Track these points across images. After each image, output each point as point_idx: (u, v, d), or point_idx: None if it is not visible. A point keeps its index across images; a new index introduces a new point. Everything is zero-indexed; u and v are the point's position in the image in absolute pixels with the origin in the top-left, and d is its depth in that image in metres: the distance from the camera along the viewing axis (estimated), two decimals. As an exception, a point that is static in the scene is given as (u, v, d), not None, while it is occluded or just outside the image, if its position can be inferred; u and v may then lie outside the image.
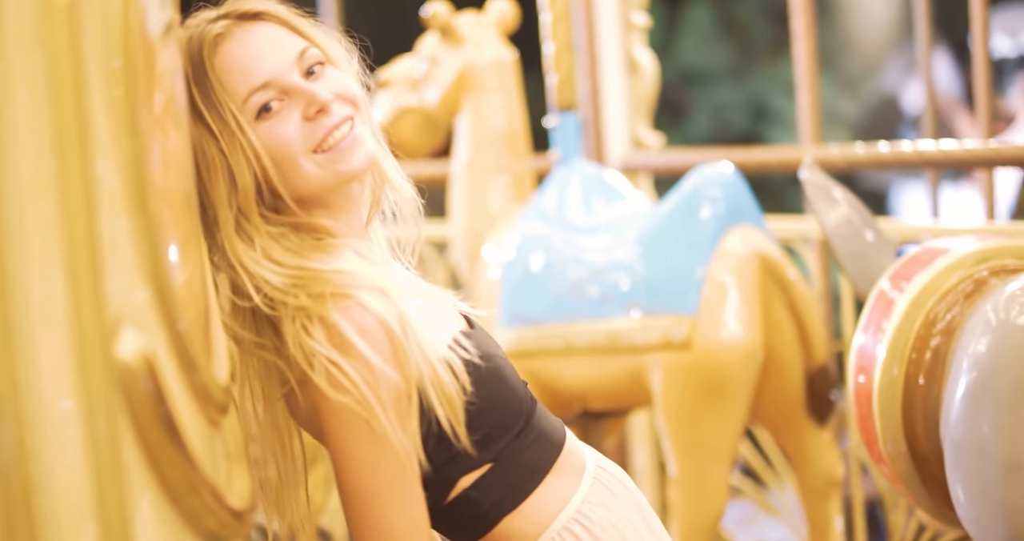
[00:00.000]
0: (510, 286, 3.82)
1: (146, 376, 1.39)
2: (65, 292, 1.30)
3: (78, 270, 1.31)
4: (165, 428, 1.44)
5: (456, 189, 4.07)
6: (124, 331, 1.37)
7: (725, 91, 10.44)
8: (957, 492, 2.83)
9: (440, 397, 2.02)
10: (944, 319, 2.96)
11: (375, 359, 1.96)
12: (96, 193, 1.35)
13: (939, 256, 3.07)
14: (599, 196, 3.89)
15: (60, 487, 1.27)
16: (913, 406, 2.98)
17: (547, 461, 2.16)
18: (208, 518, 1.59)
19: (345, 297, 1.99)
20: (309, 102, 2.06)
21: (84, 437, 1.31)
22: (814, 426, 3.70)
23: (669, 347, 3.54)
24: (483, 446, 2.09)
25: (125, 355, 1.37)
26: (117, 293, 1.37)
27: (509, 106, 4.05)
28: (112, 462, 1.34)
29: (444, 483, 2.09)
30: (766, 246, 3.60)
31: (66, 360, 1.30)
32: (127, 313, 1.39)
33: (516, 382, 2.17)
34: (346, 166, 2.07)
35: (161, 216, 1.52)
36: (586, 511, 2.15)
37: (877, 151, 4.03)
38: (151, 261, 1.48)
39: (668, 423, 3.59)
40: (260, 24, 2.09)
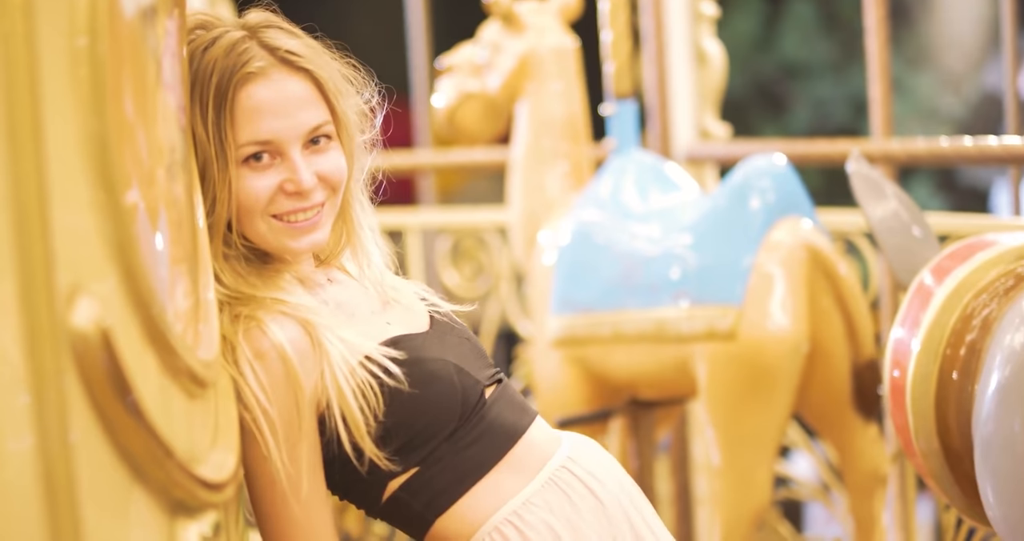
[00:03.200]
0: (562, 272, 3.83)
1: (101, 348, 1.42)
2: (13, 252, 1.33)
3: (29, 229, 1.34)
4: (123, 402, 1.47)
5: (515, 175, 4.09)
6: (80, 302, 1.40)
7: (826, 85, 10.37)
8: (986, 491, 2.80)
9: (346, 420, 2.10)
10: (981, 314, 2.93)
11: (267, 384, 2.06)
12: (50, 176, 1.37)
13: (980, 251, 3.04)
14: (653, 185, 3.89)
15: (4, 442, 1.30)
16: (947, 402, 2.95)
17: (488, 461, 2.20)
18: (175, 489, 1.63)
19: (252, 319, 2.09)
20: (292, 180, 2.13)
21: (30, 398, 1.34)
22: (860, 420, 3.68)
23: (714, 337, 3.54)
24: (404, 454, 2.14)
25: (79, 326, 1.39)
26: (70, 261, 1.40)
27: (569, 93, 4.06)
28: (59, 431, 1.37)
29: (375, 488, 2.17)
30: (815, 238, 3.58)
31: (12, 330, 1.33)
32: (84, 284, 1.42)
33: (451, 382, 2.19)
34: (292, 243, 2.17)
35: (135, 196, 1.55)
36: (524, 513, 2.17)
37: (939, 146, 4.00)
38: (117, 236, 1.51)
39: (712, 413, 3.58)
40: (297, 80, 2.15)
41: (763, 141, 4.95)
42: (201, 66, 2.09)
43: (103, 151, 1.48)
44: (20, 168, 1.34)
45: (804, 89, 10.49)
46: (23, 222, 1.34)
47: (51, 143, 1.38)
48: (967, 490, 2.99)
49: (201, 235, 1.99)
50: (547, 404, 3.89)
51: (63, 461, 1.37)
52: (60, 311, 1.37)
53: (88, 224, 1.46)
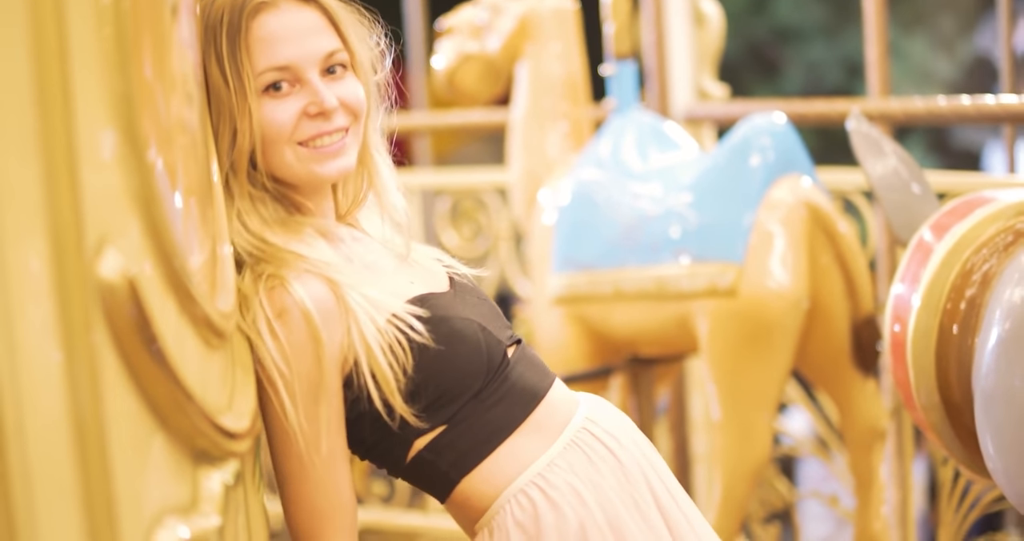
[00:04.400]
0: (563, 231, 3.86)
1: (129, 298, 1.45)
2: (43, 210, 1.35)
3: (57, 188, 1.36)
4: (149, 350, 1.50)
5: (515, 136, 4.12)
6: (107, 253, 1.42)
7: (819, 48, 10.39)
8: (986, 443, 2.84)
9: (378, 377, 2.10)
10: (980, 269, 2.96)
11: (287, 344, 2.07)
12: (78, 134, 1.40)
13: (979, 207, 3.07)
14: (653, 144, 3.91)
15: (32, 394, 1.32)
16: (947, 356, 2.99)
17: (512, 421, 2.20)
18: (198, 438, 1.66)
19: (275, 278, 2.09)
20: (315, 102, 2.15)
21: (60, 350, 1.36)
22: (860, 376, 3.71)
23: (715, 294, 3.57)
24: (432, 413, 2.15)
25: (106, 275, 1.42)
26: (98, 216, 1.42)
27: (569, 54, 4.09)
28: (90, 379, 1.39)
29: (400, 446, 2.17)
30: (815, 196, 3.61)
31: (42, 274, 1.35)
32: (111, 237, 1.44)
33: (477, 342, 2.20)
34: (320, 169, 2.17)
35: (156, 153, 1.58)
36: (548, 475, 2.17)
37: (936, 105, 4.02)
38: (141, 190, 1.53)
39: (713, 369, 3.62)
40: (307, 9, 2.17)
41: (761, 101, 4.98)
42: (212, 9, 2.12)
43: (128, 109, 1.50)
44: (50, 126, 1.36)
45: (797, 52, 10.51)
46: (53, 178, 1.36)
47: (79, 101, 1.40)
48: (967, 442, 3.03)
49: (216, 189, 2.02)
50: (548, 362, 3.86)
51: (94, 412, 1.40)
52: (89, 264, 1.40)
53: (114, 180, 1.48)
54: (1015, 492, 2.81)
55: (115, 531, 1.42)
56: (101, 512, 1.40)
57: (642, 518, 2.19)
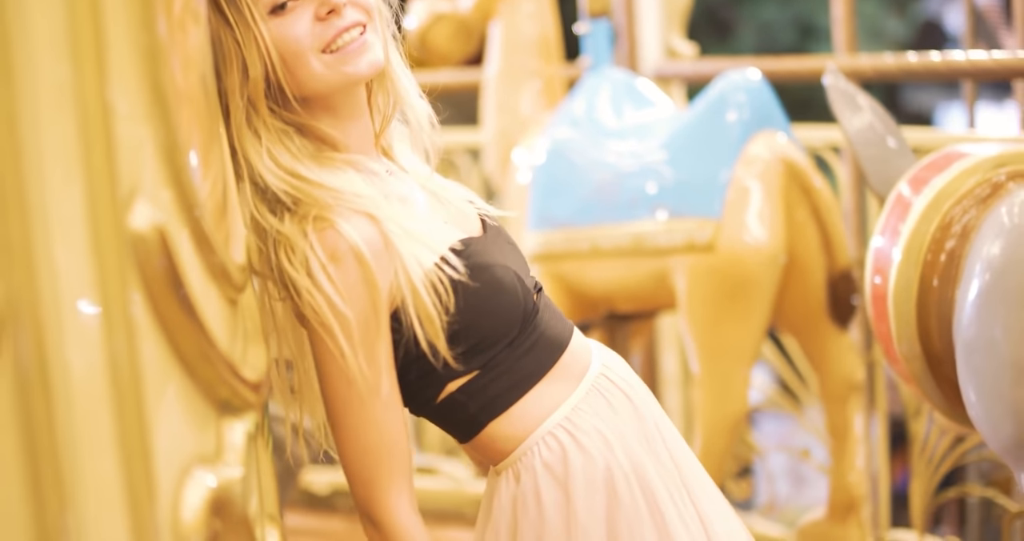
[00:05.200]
0: (539, 190, 3.88)
1: (159, 249, 1.46)
2: (79, 164, 1.36)
3: (91, 142, 1.38)
4: (179, 301, 1.51)
5: (488, 95, 4.13)
6: (138, 205, 1.43)
7: (772, 8, 10.43)
8: (968, 392, 2.89)
9: (421, 318, 2.09)
10: (960, 222, 3.00)
11: (342, 286, 2.04)
12: (111, 88, 1.41)
13: (957, 160, 3.11)
14: (628, 102, 3.94)
15: (74, 347, 1.34)
16: (928, 308, 3.03)
17: (541, 368, 2.21)
18: (222, 387, 1.67)
19: (324, 220, 2.07)
20: (322, 3, 2.10)
21: (98, 303, 1.37)
22: (836, 330, 3.76)
23: (693, 249, 3.60)
24: (469, 357, 2.15)
25: (138, 227, 1.43)
26: (130, 169, 1.43)
27: (541, 12, 4.10)
28: (125, 329, 1.41)
29: (433, 386, 2.17)
30: (791, 152, 3.65)
31: (80, 229, 1.36)
32: (141, 189, 1.45)
33: (516, 291, 2.20)
34: (352, 68, 2.12)
35: (177, 106, 1.59)
36: (574, 418, 2.19)
37: (906, 61, 4.05)
38: (166, 143, 1.54)
39: (691, 325, 3.65)
40: None
41: (730, 58, 5.00)
42: None
43: (153, 62, 1.51)
44: (84, 78, 1.37)
45: (750, 12, 10.55)
46: (89, 131, 1.37)
47: (111, 54, 1.41)
48: (947, 392, 3.08)
49: (222, 139, 2.01)
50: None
51: (130, 362, 1.41)
52: (121, 215, 1.41)
53: (142, 132, 1.49)
54: (997, 438, 2.86)
55: (151, 481, 1.44)
56: (138, 462, 1.42)
57: (659, 463, 2.22)
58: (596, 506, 2.16)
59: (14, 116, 1.29)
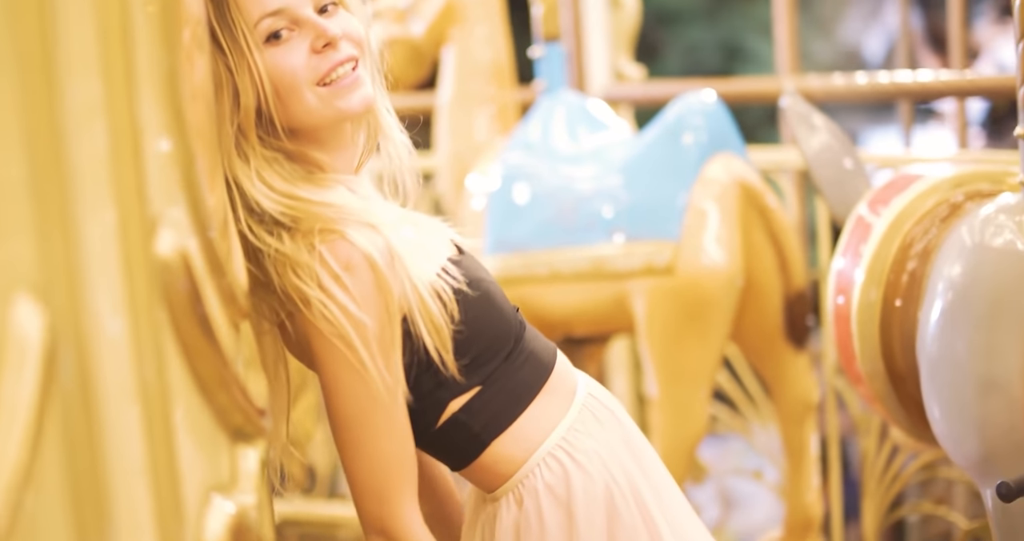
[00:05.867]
0: (495, 215, 3.89)
1: (183, 272, 1.47)
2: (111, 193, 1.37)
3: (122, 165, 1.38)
4: (200, 325, 1.52)
5: (442, 120, 4.14)
6: (164, 228, 1.44)
7: (698, 31, 10.49)
8: (932, 409, 2.93)
9: (428, 326, 2.11)
10: (920, 242, 3.05)
11: (358, 295, 2.05)
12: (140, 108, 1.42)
13: (916, 181, 3.16)
14: (583, 125, 3.96)
15: (110, 372, 1.34)
16: (890, 327, 3.07)
17: (536, 383, 2.23)
18: (236, 414, 1.67)
19: (332, 232, 2.07)
20: (318, 35, 2.11)
21: (130, 327, 1.38)
22: (792, 350, 3.80)
23: (652, 272, 3.62)
24: (472, 370, 2.17)
25: (164, 250, 1.44)
26: (157, 192, 1.44)
27: (494, 37, 4.11)
28: (155, 354, 1.41)
29: (435, 407, 2.18)
30: (747, 174, 3.68)
31: (113, 253, 1.36)
32: (166, 212, 1.46)
33: (506, 306, 2.25)
34: (345, 103, 2.14)
35: (191, 127, 1.60)
36: (571, 439, 2.21)
37: (855, 83, 4.11)
38: (184, 168, 1.55)
39: (651, 347, 3.67)
40: None
41: (679, 81, 5.04)
42: None
43: (173, 81, 1.52)
44: (115, 102, 1.37)
45: (676, 35, 10.61)
46: (119, 155, 1.38)
47: (140, 77, 1.41)
48: (910, 410, 3.12)
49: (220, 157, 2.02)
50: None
51: (159, 387, 1.42)
52: (149, 239, 1.42)
53: (166, 153, 1.50)
54: (962, 454, 2.90)
55: (178, 506, 1.45)
56: (167, 488, 1.42)
57: (646, 477, 2.25)
58: (597, 525, 2.18)
59: (59, 136, 1.30)
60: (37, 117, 1.27)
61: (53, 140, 1.29)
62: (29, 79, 1.26)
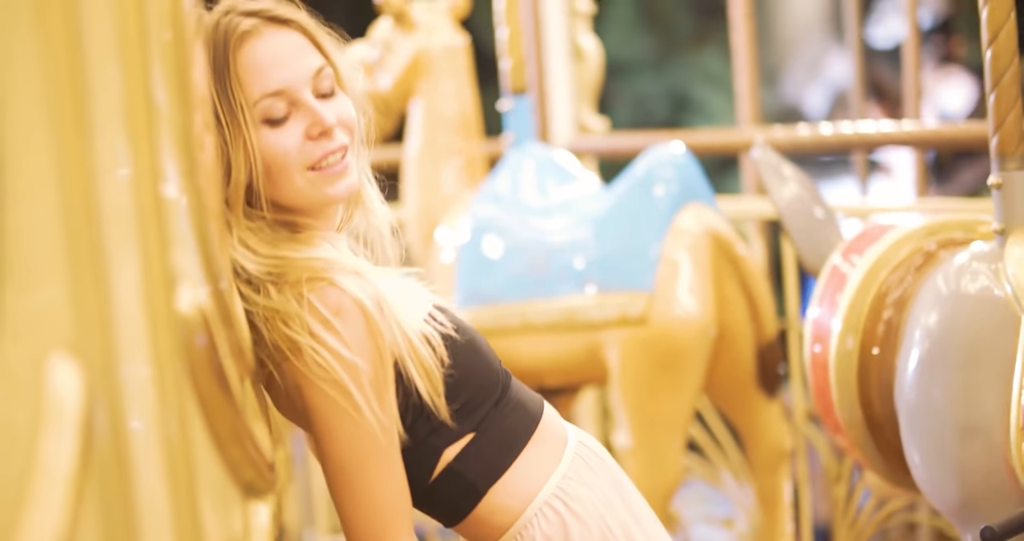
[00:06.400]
0: (466, 268, 3.90)
1: (201, 327, 1.47)
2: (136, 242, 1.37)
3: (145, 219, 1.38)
4: (217, 379, 1.52)
5: (410, 173, 4.14)
6: (182, 282, 1.44)
7: (646, 82, 10.56)
8: (912, 455, 2.95)
9: (419, 370, 2.11)
10: (896, 291, 3.08)
11: (349, 338, 2.05)
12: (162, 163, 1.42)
13: (889, 231, 3.19)
14: (552, 178, 3.97)
15: (138, 427, 1.34)
16: (868, 374, 3.09)
17: (526, 431, 2.24)
18: (248, 468, 1.68)
19: (320, 280, 2.08)
20: (315, 122, 2.14)
21: (155, 384, 1.37)
22: (765, 399, 3.82)
23: (626, 323, 3.64)
24: (464, 416, 2.17)
25: (184, 305, 1.44)
26: (175, 245, 1.44)
27: (461, 91, 4.13)
28: (177, 410, 1.41)
29: (429, 457, 2.17)
30: (718, 224, 3.71)
31: (138, 310, 1.36)
32: (182, 266, 1.47)
33: (491, 354, 2.27)
34: (331, 190, 2.16)
35: (204, 181, 1.60)
36: (566, 487, 2.21)
37: (819, 133, 4.15)
38: (198, 220, 1.56)
39: (625, 397, 3.68)
40: (288, 31, 2.17)
41: (642, 133, 5.07)
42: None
43: (187, 136, 1.53)
44: (140, 156, 1.38)
45: (624, 86, 10.67)
46: (142, 201, 1.38)
47: (162, 132, 1.42)
48: (888, 456, 3.14)
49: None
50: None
51: (181, 440, 1.41)
52: (171, 291, 1.42)
53: (182, 209, 1.50)
54: (942, 499, 2.92)
55: (200, 561, 1.44)
56: None
57: (637, 522, 2.26)
58: None
59: (90, 185, 1.30)
60: (69, 166, 1.28)
61: (84, 189, 1.29)
62: (62, 130, 1.27)
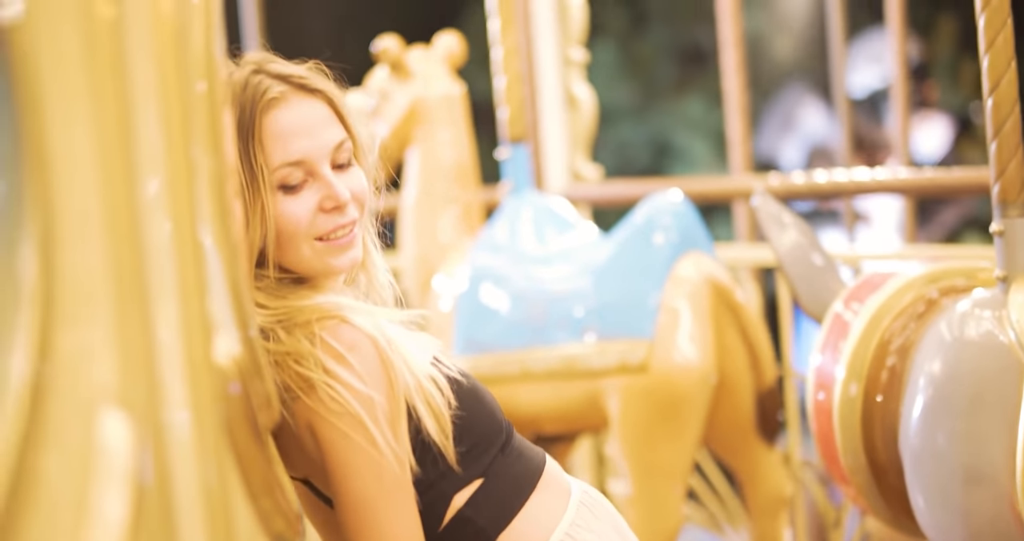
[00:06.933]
0: (464, 316, 3.90)
1: (236, 376, 1.48)
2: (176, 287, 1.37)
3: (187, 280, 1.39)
4: (251, 427, 1.52)
5: (406, 221, 4.15)
6: (219, 334, 1.45)
7: (628, 129, 10.60)
8: (917, 500, 2.96)
9: (428, 410, 2.12)
10: (899, 338, 3.09)
11: (363, 372, 2.05)
12: (201, 213, 1.43)
13: (891, 278, 3.20)
14: (550, 226, 3.99)
15: (180, 477, 1.34)
16: (872, 421, 3.10)
17: (532, 477, 2.25)
18: (279, 519, 1.67)
19: (332, 318, 2.09)
20: (330, 196, 2.16)
21: (195, 436, 1.38)
22: (764, 446, 3.82)
23: (626, 371, 3.64)
24: (472, 460, 2.18)
25: (221, 352, 1.45)
26: (212, 290, 1.45)
27: (458, 139, 4.14)
28: (216, 461, 1.41)
29: (439, 503, 2.17)
30: (717, 272, 3.72)
31: (179, 357, 1.37)
32: (220, 317, 1.47)
33: (494, 401, 2.28)
34: (336, 261, 2.19)
35: (236, 229, 1.61)
36: (574, 534, 2.22)
37: (814, 181, 4.17)
38: (230, 270, 1.56)
39: (625, 445, 3.68)
40: (314, 100, 2.19)
41: (636, 181, 5.09)
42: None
43: (220, 183, 1.54)
44: (180, 202, 1.39)
45: (606, 133, 10.72)
46: (182, 245, 1.39)
47: (198, 178, 1.43)
48: (891, 502, 3.15)
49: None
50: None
51: (220, 491, 1.42)
52: (209, 338, 1.42)
53: (216, 252, 1.51)
54: (946, 544, 2.94)
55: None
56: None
57: None
58: None
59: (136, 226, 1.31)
60: (117, 208, 1.29)
61: (130, 236, 1.30)
62: (111, 176, 1.28)
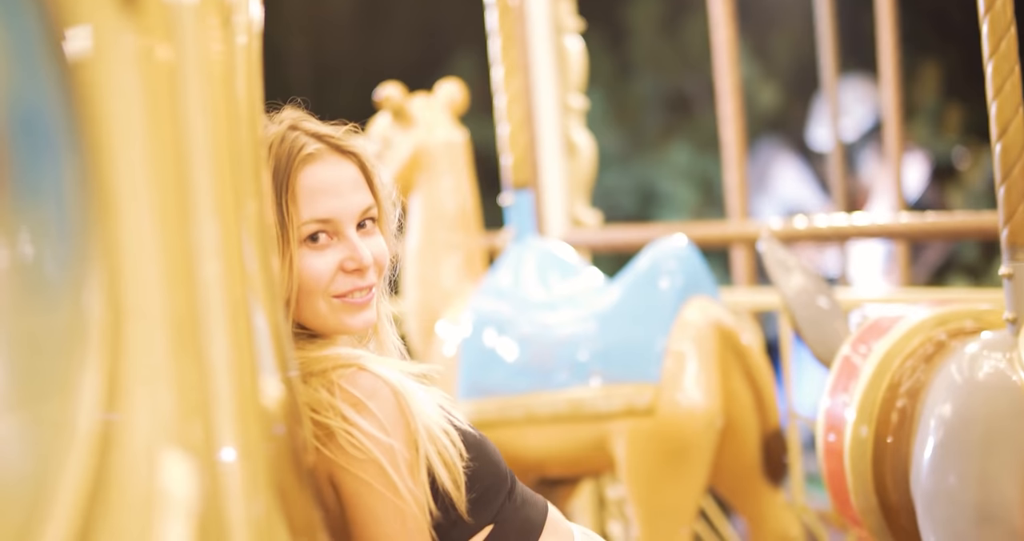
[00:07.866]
0: (468, 361, 3.91)
1: (280, 418, 1.49)
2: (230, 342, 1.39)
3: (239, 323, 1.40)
4: (294, 468, 1.53)
5: (409, 267, 4.16)
6: (268, 380, 1.46)
7: (614, 175, 10.63)
8: (929, 539, 2.97)
9: (440, 461, 2.14)
10: (908, 381, 3.11)
11: (384, 419, 2.08)
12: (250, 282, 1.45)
13: (899, 321, 3.22)
14: (554, 271, 4.00)
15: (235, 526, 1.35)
16: (883, 463, 3.12)
17: (538, 522, 2.27)
18: (315, 561, 1.68)
19: (349, 366, 2.12)
20: (353, 258, 2.21)
21: (244, 474, 1.39)
22: (770, 488, 3.83)
23: (632, 414, 3.65)
24: (481, 507, 2.19)
25: (267, 401, 1.46)
26: (262, 345, 1.46)
27: (460, 186, 4.15)
28: (265, 503, 1.42)
29: None
30: (722, 316, 3.74)
31: (230, 397, 1.38)
32: (262, 353, 1.48)
33: (496, 448, 2.30)
34: (351, 320, 2.23)
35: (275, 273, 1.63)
36: None
37: (814, 225, 4.20)
38: (271, 313, 1.58)
39: (632, 488, 3.69)
40: (348, 161, 2.24)
41: (637, 227, 5.11)
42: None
43: (261, 225, 1.56)
44: (231, 248, 1.41)
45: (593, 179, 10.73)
46: (235, 295, 1.40)
47: (243, 222, 1.45)
48: (903, 543, 3.17)
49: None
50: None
51: (268, 530, 1.43)
52: (256, 379, 1.43)
53: (259, 296, 1.53)
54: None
55: None
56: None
57: None
58: None
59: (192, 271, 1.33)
60: (174, 249, 1.31)
61: (187, 272, 1.32)
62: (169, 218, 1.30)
